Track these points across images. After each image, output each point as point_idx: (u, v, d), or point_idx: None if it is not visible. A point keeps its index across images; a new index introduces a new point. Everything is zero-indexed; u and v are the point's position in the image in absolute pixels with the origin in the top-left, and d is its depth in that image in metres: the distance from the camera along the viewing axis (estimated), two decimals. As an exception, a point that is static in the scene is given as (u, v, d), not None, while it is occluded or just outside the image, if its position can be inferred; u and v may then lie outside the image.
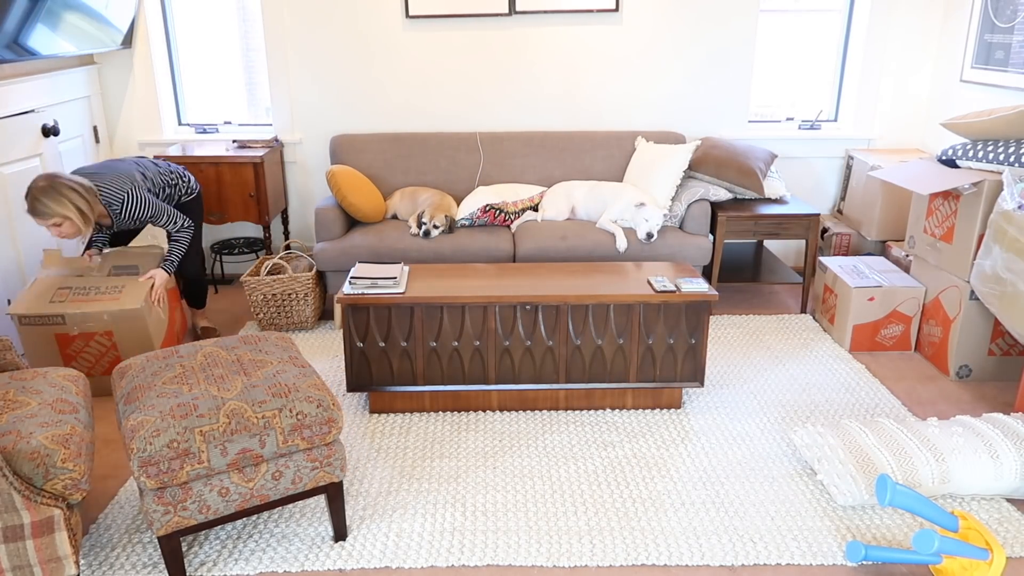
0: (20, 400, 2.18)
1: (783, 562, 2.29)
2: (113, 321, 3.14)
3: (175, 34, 4.53)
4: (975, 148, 3.25)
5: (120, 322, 3.15)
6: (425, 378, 3.04)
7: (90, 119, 4.29)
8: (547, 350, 3.02)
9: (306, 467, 2.21)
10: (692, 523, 2.45)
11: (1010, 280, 2.85)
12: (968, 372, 3.36)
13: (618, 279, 3.11)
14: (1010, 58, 3.74)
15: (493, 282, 3.07)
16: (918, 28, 4.38)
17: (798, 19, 4.67)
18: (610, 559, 2.30)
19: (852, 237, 4.39)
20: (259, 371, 2.29)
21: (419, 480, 2.68)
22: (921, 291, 3.54)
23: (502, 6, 4.23)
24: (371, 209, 3.95)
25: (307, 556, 2.32)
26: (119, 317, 3.14)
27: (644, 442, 2.90)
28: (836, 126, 4.68)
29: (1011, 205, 2.86)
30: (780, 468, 2.74)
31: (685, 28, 4.33)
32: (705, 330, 3.00)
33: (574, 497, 2.58)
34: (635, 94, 4.45)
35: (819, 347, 3.68)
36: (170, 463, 2.00)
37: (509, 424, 3.03)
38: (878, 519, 2.47)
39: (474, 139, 4.30)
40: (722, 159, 4.00)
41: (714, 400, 3.20)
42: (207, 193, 4.11)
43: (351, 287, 2.97)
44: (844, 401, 3.19)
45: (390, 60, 4.36)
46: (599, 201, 4.02)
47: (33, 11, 3.39)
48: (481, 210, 3.88)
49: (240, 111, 4.76)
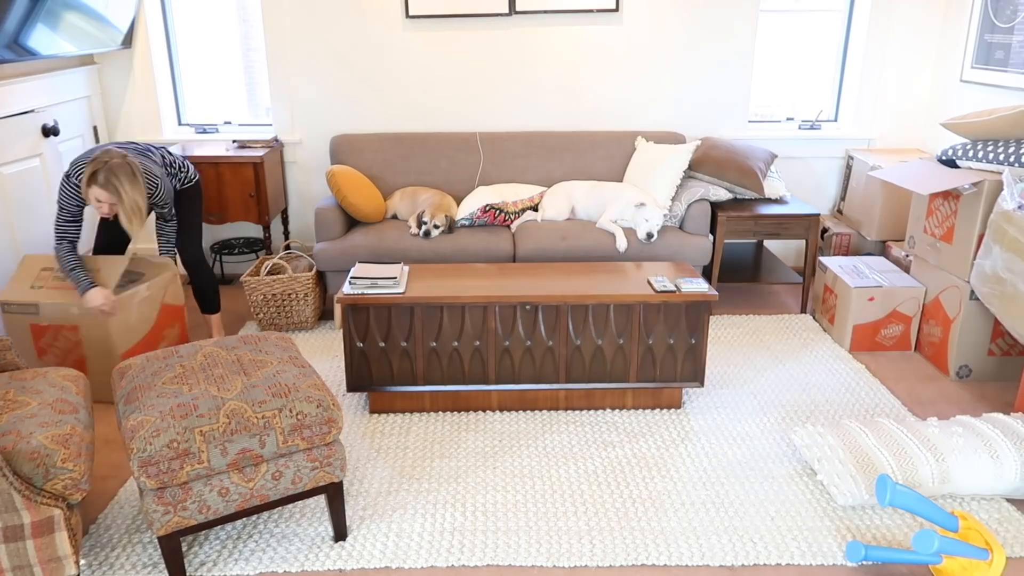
0: (20, 400, 2.18)
1: (783, 562, 2.29)
2: (80, 315, 3.04)
3: (175, 34, 4.53)
4: (975, 148, 3.25)
5: (87, 317, 3.04)
6: (425, 378, 3.04)
7: (90, 119, 4.29)
8: (547, 350, 3.02)
9: (306, 467, 2.21)
10: (692, 523, 2.45)
11: (1010, 280, 2.85)
12: (968, 372, 3.36)
13: (618, 279, 3.11)
14: (1010, 58, 3.74)
15: (493, 282, 3.07)
16: (918, 28, 4.38)
17: (798, 19, 4.67)
18: (610, 559, 2.30)
19: (852, 237, 4.39)
20: (259, 371, 2.29)
21: (419, 480, 2.68)
22: (921, 291, 3.54)
23: (502, 6, 4.23)
24: (371, 209, 3.95)
25: (307, 556, 2.32)
26: (86, 311, 3.03)
27: (644, 442, 2.90)
28: (836, 126, 4.68)
29: (1011, 205, 2.86)
30: (780, 468, 2.74)
31: (685, 28, 4.33)
32: (705, 330, 3.00)
33: (574, 497, 2.58)
34: (635, 94, 4.45)
35: (819, 347, 3.68)
36: (170, 463, 2.00)
37: (509, 424, 3.03)
38: (878, 519, 2.47)
39: (474, 139, 4.30)
40: (722, 159, 4.00)
41: (714, 400, 3.20)
42: (207, 193, 4.11)
43: (351, 287, 2.97)
44: (844, 401, 3.19)
45: (390, 60, 4.36)
46: (599, 201, 4.02)
47: (33, 11, 3.39)
48: (481, 210, 3.88)
49: (240, 111, 4.76)
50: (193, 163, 4.06)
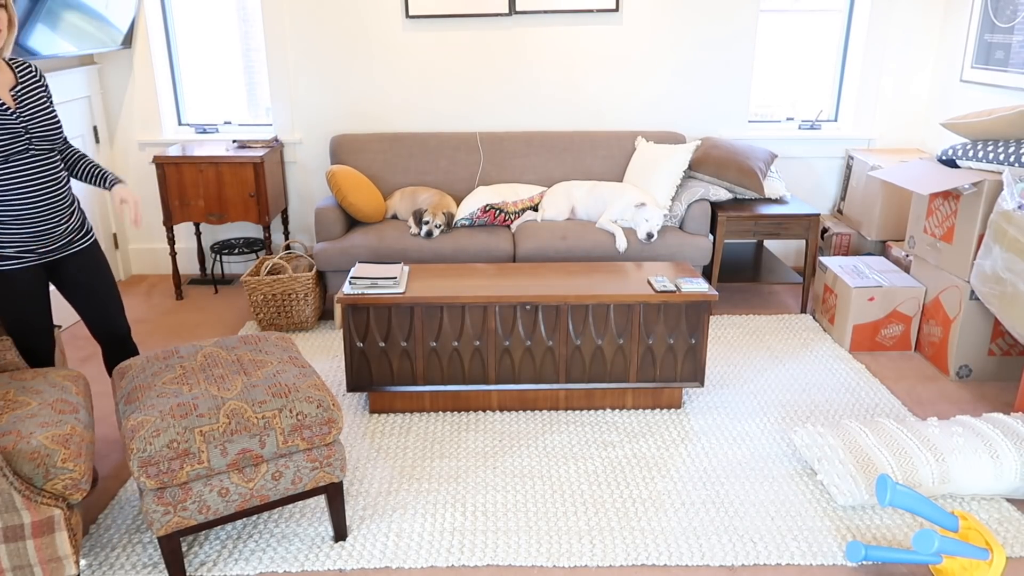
0: (20, 400, 2.18)
1: (783, 562, 2.29)
2: None
3: (175, 34, 4.53)
4: (975, 148, 3.25)
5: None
6: (425, 378, 3.04)
7: (90, 119, 4.29)
8: (547, 350, 3.02)
9: (306, 467, 2.21)
10: (692, 523, 2.45)
11: (1010, 280, 2.85)
12: (968, 372, 3.36)
13: (618, 279, 3.11)
14: (1010, 58, 3.74)
15: (493, 282, 3.07)
16: (918, 28, 4.38)
17: (798, 19, 4.67)
18: (610, 559, 2.30)
19: (852, 237, 4.39)
20: (259, 371, 2.29)
21: (419, 480, 2.68)
22: (921, 291, 3.54)
23: (502, 6, 4.23)
24: (371, 209, 3.95)
25: (307, 556, 2.32)
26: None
27: (644, 442, 2.90)
28: (836, 126, 4.68)
29: (1011, 205, 2.86)
30: (780, 468, 2.74)
31: (685, 28, 4.33)
32: (705, 330, 3.00)
33: (574, 497, 2.58)
34: (635, 94, 4.45)
35: (819, 347, 3.68)
36: (170, 463, 2.00)
37: (509, 424, 3.03)
38: (878, 519, 2.47)
39: (474, 139, 4.30)
40: (722, 159, 4.00)
41: (714, 400, 3.20)
42: (207, 193, 4.11)
43: (351, 287, 2.97)
44: (844, 401, 3.19)
45: (390, 60, 4.36)
46: (599, 201, 4.02)
47: (33, 11, 3.39)
48: (481, 210, 3.88)
49: (240, 111, 4.76)
50: (193, 163, 4.06)
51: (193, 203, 4.13)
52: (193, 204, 4.13)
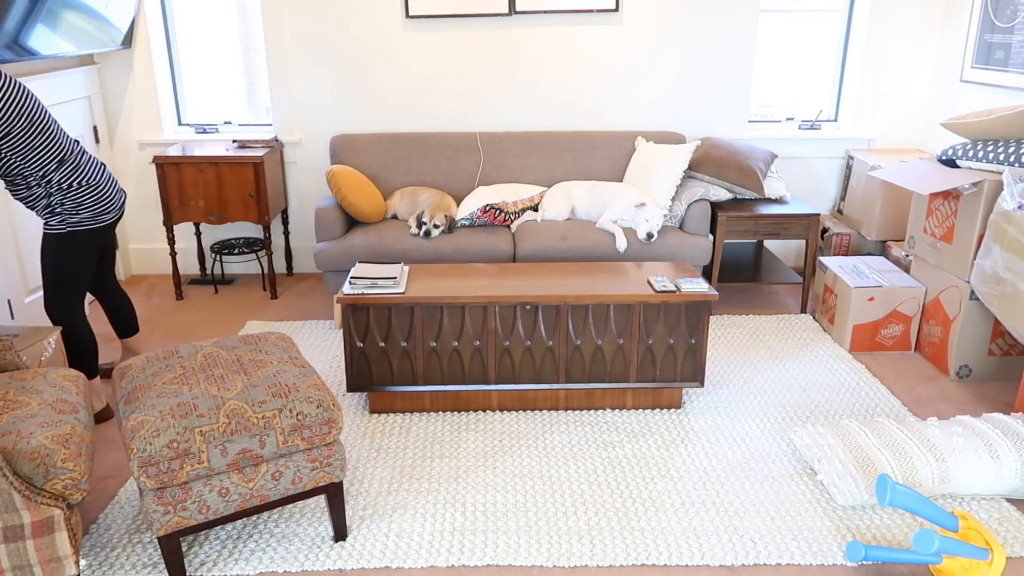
0: (20, 400, 2.18)
1: (783, 562, 2.29)
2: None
3: (175, 34, 4.53)
4: (975, 148, 3.25)
5: None
6: (425, 378, 3.04)
7: (90, 119, 4.29)
8: (547, 350, 3.02)
9: (306, 467, 2.21)
10: (692, 523, 2.45)
11: (1010, 280, 2.85)
12: (968, 372, 3.36)
13: (618, 279, 3.11)
14: (1010, 58, 3.74)
15: (493, 282, 3.07)
16: (918, 28, 4.38)
17: (798, 19, 4.67)
18: (610, 559, 2.30)
19: (852, 237, 4.39)
20: (259, 371, 2.29)
21: (419, 480, 2.68)
22: (921, 291, 3.54)
23: (502, 6, 4.23)
24: (371, 209, 3.95)
25: (307, 556, 2.32)
26: None
27: (644, 442, 2.90)
28: (836, 126, 4.68)
29: (1011, 205, 2.86)
30: (780, 468, 2.74)
31: (685, 28, 4.33)
32: (705, 330, 3.00)
33: (574, 497, 2.58)
34: (635, 94, 4.45)
35: (819, 347, 3.68)
36: (170, 463, 2.00)
37: (509, 424, 3.03)
38: (878, 519, 2.47)
39: (474, 139, 4.30)
40: (722, 159, 4.00)
41: (714, 400, 3.20)
42: (207, 193, 4.11)
43: (351, 287, 2.97)
44: (844, 401, 3.19)
45: (390, 60, 4.36)
46: (599, 201, 4.02)
47: (33, 11, 3.39)
48: (481, 210, 3.88)
49: (240, 111, 4.76)
50: (193, 163, 4.07)
51: (193, 203, 4.13)
52: (193, 204, 4.13)
